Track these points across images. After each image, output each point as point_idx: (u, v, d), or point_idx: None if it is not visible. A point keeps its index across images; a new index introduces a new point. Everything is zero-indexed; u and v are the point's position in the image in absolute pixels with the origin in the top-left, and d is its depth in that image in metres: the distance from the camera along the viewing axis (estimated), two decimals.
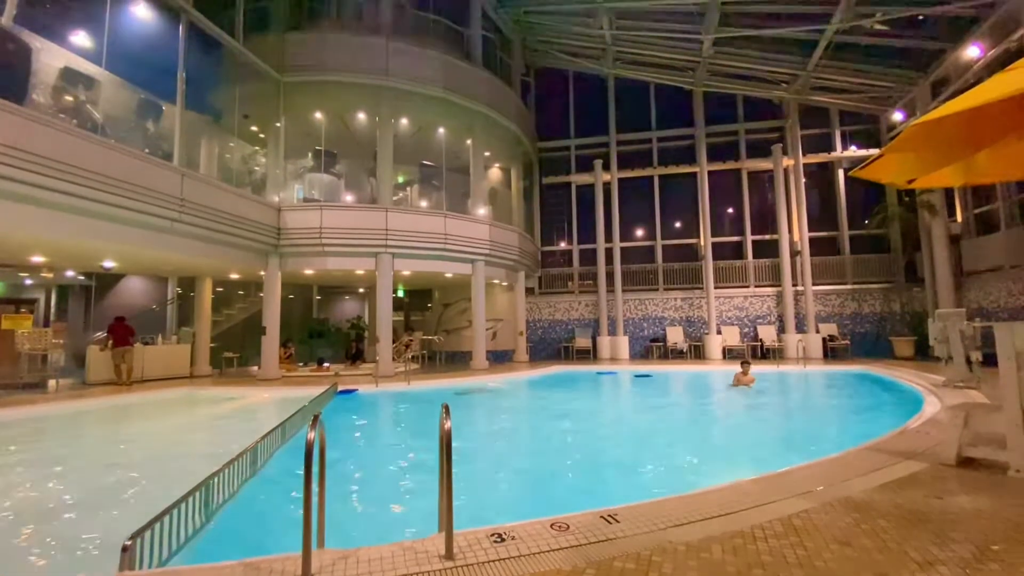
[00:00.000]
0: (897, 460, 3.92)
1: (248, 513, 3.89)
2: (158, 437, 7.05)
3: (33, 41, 8.84)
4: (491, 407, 9.63)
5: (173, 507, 2.89)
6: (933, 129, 3.19)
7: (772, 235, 16.51)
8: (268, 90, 12.29)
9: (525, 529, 2.71)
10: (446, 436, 2.51)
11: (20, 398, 8.59)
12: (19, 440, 6.61)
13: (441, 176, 15.33)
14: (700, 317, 16.71)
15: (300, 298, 19.12)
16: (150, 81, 10.38)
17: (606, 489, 4.59)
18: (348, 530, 3.51)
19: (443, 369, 14.02)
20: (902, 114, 14.57)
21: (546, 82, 19.13)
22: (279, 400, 9.35)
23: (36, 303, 15.82)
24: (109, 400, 9.00)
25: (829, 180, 16.54)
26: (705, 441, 6.67)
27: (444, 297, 18.13)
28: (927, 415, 5.86)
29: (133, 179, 8.17)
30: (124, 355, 10.55)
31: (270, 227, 11.56)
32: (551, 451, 6.19)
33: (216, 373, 12.94)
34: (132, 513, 3.35)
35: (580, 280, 18.08)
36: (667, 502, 3.13)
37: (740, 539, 2.59)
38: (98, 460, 5.60)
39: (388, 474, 5.26)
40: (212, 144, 12.25)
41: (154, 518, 2.69)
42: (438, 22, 14.46)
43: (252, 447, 4.49)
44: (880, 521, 2.77)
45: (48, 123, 7.09)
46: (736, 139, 17.28)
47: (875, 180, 4.14)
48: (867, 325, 15.56)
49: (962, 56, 11.69)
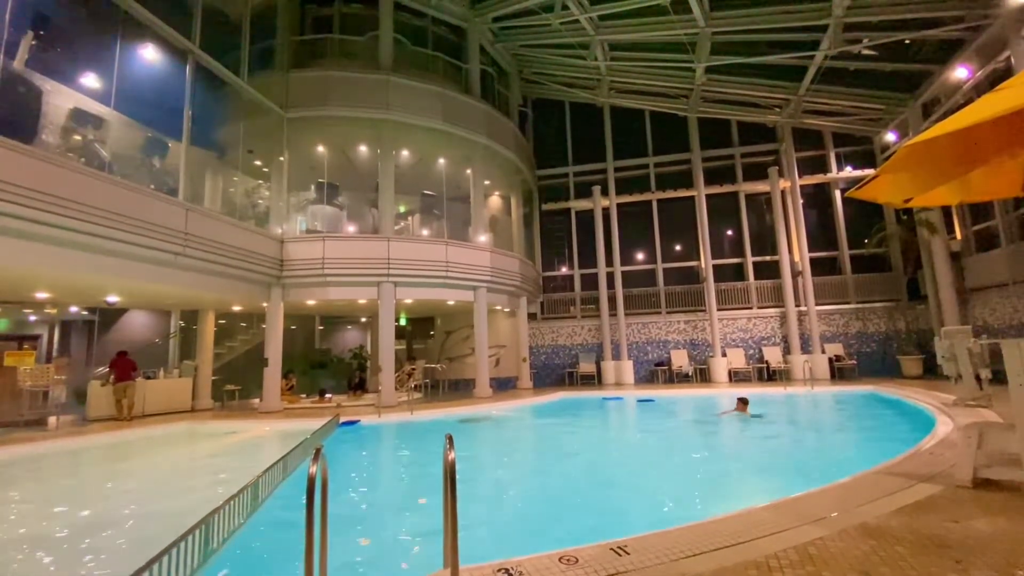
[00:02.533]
0: (911, 483, 3.83)
1: (249, 550, 3.80)
2: (156, 474, 6.94)
3: (44, 84, 9.12)
4: (496, 436, 9.50)
5: (172, 546, 2.83)
6: (926, 150, 3.23)
7: (773, 256, 16.55)
8: (272, 125, 12.57)
9: (533, 563, 2.63)
10: (450, 468, 2.47)
11: (20, 436, 8.50)
12: (18, 480, 6.52)
13: (442, 205, 15.52)
14: (704, 339, 16.61)
15: (302, 329, 19.10)
16: (157, 120, 10.65)
17: (615, 519, 4.47)
18: (351, 566, 3.42)
19: (446, 397, 13.88)
20: (895, 135, 14.79)
21: (543, 112, 19.58)
22: (280, 433, 9.24)
23: (39, 339, 15.82)
24: (108, 437, 8.88)
25: (827, 201, 16.68)
26: (712, 467, 6.54)
27: (446, 325, 18.10)
28: (939, 435, 5.75)
29: (138, 214, 8.28)
30: (126, 390, 10.48)
31: (273, 259, 11.65)
32: (558, 481, 6.07)
33: (218, 406, 12.83)
34: (130, 553, 3.27)
35: (582, 305, 18.06)
36: (678, 532, 3.05)
37: (755, 569, 2.51)
38: (95, 499, 5.50)
39: (391, 507, 5.16)
40: (216, 179, 12.48)
41: (153, 558, 2.63)
42: (437, 57, 14.88)
43: (253, 483, 4.42)
44: (897, 547, 2.69)
45: (56, 162, 7.23)
46: (732, 163, 17.51)
47: (872, 200, 4.17)
48: (873, 344, 15.43)
49: (950, 77, 11.94)
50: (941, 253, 13.06)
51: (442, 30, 15.12)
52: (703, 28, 12.65)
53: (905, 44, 12.32)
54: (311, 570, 2.24)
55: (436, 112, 13.49)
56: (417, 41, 14.63)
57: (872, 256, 15.76)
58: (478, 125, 14.40)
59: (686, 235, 17.63)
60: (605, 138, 18.50)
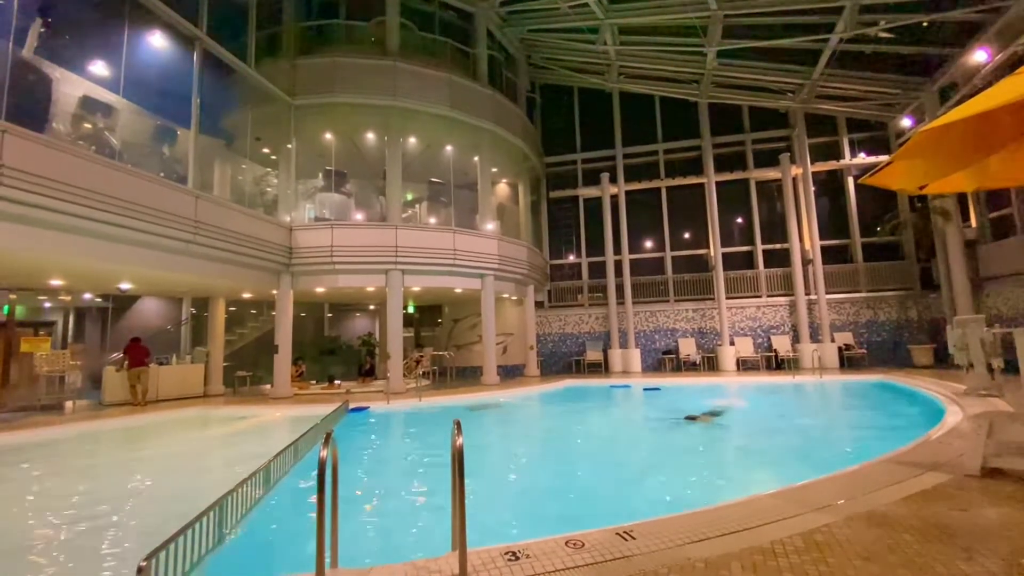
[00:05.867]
0: (920, 472, 3.82)
1: (262, 532, 3.88)
2: (171, 457, 7.08)
3: (54, 72, 9.15)
4: (503, 422, 9.57)
5: (187, 527, 2.89)
6: (942, 135, 3.17)
7: (783, 244, 16.38)
8: (279, 113, 12.56)
9: (540, 547, 2.67)
10: (458, 453, 2.50)
11: (38, 420, 8.71)
12: (37, 461, 6.69)
13: (449, 193, 15.48)
14: (712, 328, 16.54)
15: (312, 316, 19.26)
16: (165, 107, 10.69)
17: (621, 504, 4.51)
18: (362, 549, 3.49)
19: (454, 384, 13.99)
20: (910, 120, 14.49)
21: (551, 98, 19.36)
22: (291, 418, 9.37)
23: (54, 326, 16.11)
24: (124, 421, 9.09)
25: (839, 188, 16.42)
26: (718, 454, 6.56)
27: (454, 312, 18.16)
28: (949, 425, 5.71)
29: (149, 202, 8.34)
30: (139, 375, 10.67)
31: (282, 246, 11.72)
32: (564, 466, 6.12)
33: (229, 392, 13.03)
34: (148, 532, 3.36)
35: (590, 293, 18.02)
36: (684, 518, 3.07)
37: (760, 555, 2.53)
38: (111, 481, 5.63)
39: (401, 492, 5.23)
40: (225, 166, 12.51)
41: (168, 538, 2.69)
42: (444, 43, 14.73)
43: (265, 466, 4.50)
44: (904, 535, 2.70)
45: (67, 150, 7.29)
46: (743, 149, 17.27)
47: (885, 187, 4.11)
48: (883, 333, 15.30)
49: (969, 61, 11.64)
50: (955, 241, 12.85)
51: (449, 15, 14.94)
52: (715, 11, 12.39)
53: (923, 26, 12.00)
54: (322, 551, 2.29)
55: (443, 98, 13.40)
56: (424, 26, 14.47)
57: (884, 244, 15.55)
58: (485, 111, 14.29)
59: (695, 223, 17.46)
60: (614, 124, 18.29)
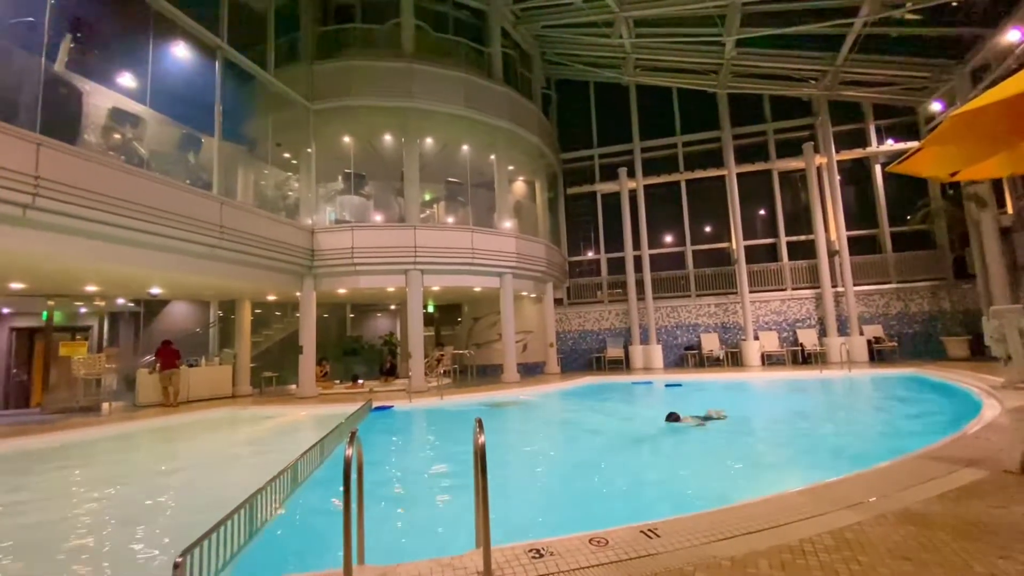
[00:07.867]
0: (955, 468, 3.70)
1: (290, 529, 3.97)
2: (204, 455, 7.30)
3: (84, 85, 9.47)
4: (525, 420, 9.58)
5: (220, 524, 2.97)
6: (974, 119, 3.06)
7: (808, 236, 16.01)
8: (299, 118, 12.78)
9: (563, 544, 2.67)
10: (480, 451, 2.52)
11: (77, 421, 9.07)
12: (78, 460, 6.96)
13: (466, 192, 15.55)
14: (736, 323, 16.27)
15: (334, 317, 19.57)
16: (189, 116, 10.97)
17: (644, 502, 4.49)
18: (387, 546, 3.54)
19: (475, 383, 14.06)
20: (941, 104, 13.97)
21: (567, 93, 19.27)
22: (317, 417, 9.56)
23: (90, 330, 16.69)
24: (158, 421, 9.39)
25: (866, 176, 15.97)
26: (742, 449, 6.45)
27: (473, 311, 18.25)
28: (986, 419, 5.52)
29: (176, 209, 8.60)
30: (171, 377, 11.00)
31: (304, 249, 11.93)
32: (587, 463, 6.10)
33: (256, 392, 13.34)
34: (183, 527, 3.47)
35: (609, 289, 17.91)
36: (709, 516, 3.04)
37: (788, 553, 2.48)
38: (149, 479, 5.83)
39: (425, 489, 5.29)
40: (248, 172, 12.80)
41: (203, 535, 2.77)
42: (458, 42, 14.78)
43: (293, 464, 4.60)
44: (939, 533, 2.62)
45: (99, 161, 7.56)
46: (765, 139, 16.92)
47: (915, 175, 3.99)
48: (915, 325, 14.83)
49: (1001, 41, 11.16)
50: (991, 229, 12.37)
51: (463, 14, 14.99)
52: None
53: (952, 6, 11.56)
54: (349, 548, 2.34)
55: (459, 98, 13.46)
56: (438, 27, 14.55)
57: (914, 233, 15.06)
58: (501, 110, 14.29)
59: (716, 216, 17.19)
60: (631, 118, 18.10)
